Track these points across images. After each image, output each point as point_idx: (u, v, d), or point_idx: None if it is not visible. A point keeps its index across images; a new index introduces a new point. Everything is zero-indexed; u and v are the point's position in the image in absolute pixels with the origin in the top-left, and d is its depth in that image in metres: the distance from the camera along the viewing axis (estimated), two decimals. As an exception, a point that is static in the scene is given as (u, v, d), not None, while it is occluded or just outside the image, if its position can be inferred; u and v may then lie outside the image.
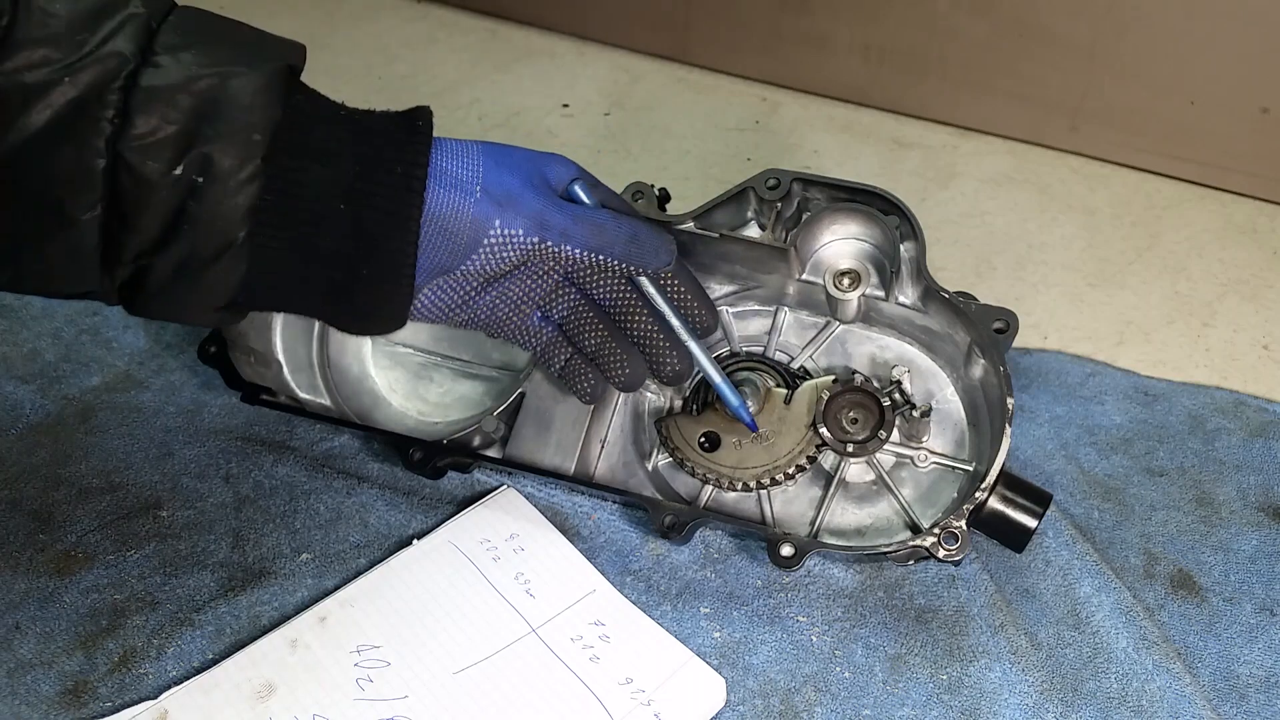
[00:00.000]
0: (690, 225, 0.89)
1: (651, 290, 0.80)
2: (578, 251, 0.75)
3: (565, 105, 1.38)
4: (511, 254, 0.74)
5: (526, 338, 0.82)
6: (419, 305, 0.75)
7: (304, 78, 0.68)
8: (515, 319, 0.80)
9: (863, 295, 0.89)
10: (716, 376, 0.83)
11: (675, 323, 0.81)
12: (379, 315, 0.72)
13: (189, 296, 0.66)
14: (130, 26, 0.61)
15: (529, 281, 0.78)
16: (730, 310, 0.94)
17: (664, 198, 0.92)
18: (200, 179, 0.61)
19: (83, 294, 0.66)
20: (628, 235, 0.77)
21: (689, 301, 0.84)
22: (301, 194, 0.65)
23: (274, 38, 0.68)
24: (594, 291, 0.81)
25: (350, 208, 0.66)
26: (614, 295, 0.81)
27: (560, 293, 0.80)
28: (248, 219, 0.63)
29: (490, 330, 0.80)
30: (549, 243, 0.74)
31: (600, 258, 0.77)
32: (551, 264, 0.77)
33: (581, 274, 0.79)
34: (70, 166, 0.60)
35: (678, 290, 0.83)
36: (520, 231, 0.73)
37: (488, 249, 0.73)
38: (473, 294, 0.77)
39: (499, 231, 0.72)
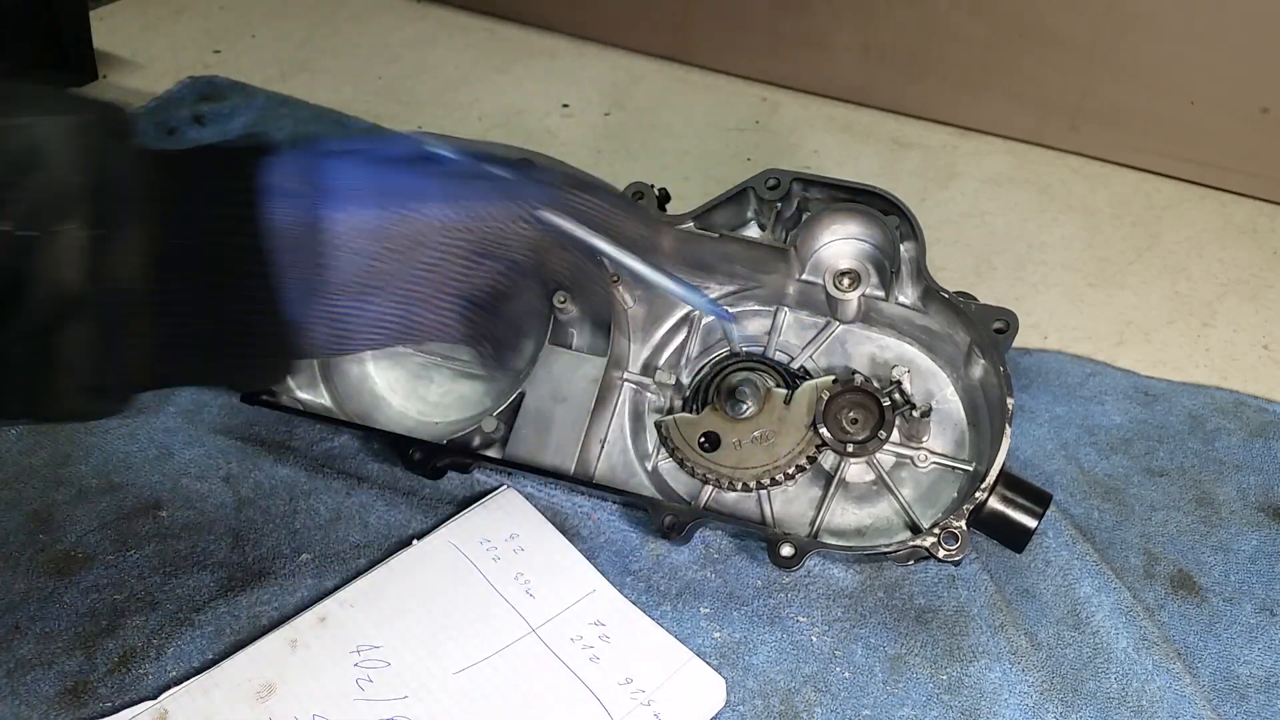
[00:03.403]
0: (690, 225, 0.89)
1: (558, 220, 0.70)
2: (440, 207, 0.67)
3: (565, 105, 1.38)
4: (367, 243, 0.66)
5: (454, 332, 0.71)
6: (317, 339, 0.67)
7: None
8: (435, 319, 0.70)
9: (863, 295, 0.89)
10: (664, 280, 0.76)
11: (601, 245, 0.71)
12: (264, 361, 0.67)
13: (50, 377, 0.61)
14: None
15: (421, 271, 0.69)
16: (731, 310, 0.94)
17: (664, 198, 0.92)
18: (27, 233, 0.58)
19: None
20: (489, 174, 0.69)
21: (608, 218, 0.73)
22: (144, 242, 0.61)
23: (95, 100, 0.65)
24: (505, 249, 0.70)
25: (194, 249, 0.62)
26: (521, 238, 0.70)
27: (474, 268, 0.70)
28: (84, 276, 0.59)
29: (410, 336, 0.71)
30: (404, 212, 0.66)
31: (475, 207, 0.67)
32: (429, 236, 0.67)
33: (475, 238, 0.69)
34: None
35: (589, 205, 0.73)
36: (366, 213, 0.66)
37: (342, 247, 0.66)
38: (368, 307, 0.68)
39: (343, 221, 0.65)
